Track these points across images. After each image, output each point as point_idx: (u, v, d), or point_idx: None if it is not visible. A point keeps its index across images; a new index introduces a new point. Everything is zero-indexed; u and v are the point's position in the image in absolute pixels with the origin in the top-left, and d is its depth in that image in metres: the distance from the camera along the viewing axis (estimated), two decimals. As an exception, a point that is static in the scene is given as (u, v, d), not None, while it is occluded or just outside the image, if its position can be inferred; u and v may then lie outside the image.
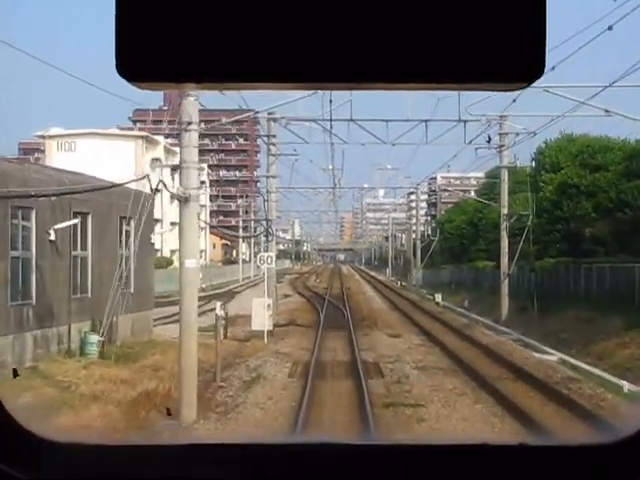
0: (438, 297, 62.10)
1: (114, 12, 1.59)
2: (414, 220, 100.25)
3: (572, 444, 2.49)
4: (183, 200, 21.94)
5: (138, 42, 1.59)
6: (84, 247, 31.79)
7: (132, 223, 35.91)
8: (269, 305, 39.02)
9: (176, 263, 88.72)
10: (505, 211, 48.02)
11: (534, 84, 1.64)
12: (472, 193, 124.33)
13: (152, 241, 37.91)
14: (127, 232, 35.66)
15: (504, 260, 47.67)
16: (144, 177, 24.69)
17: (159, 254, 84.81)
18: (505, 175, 47.81)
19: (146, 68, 1.60)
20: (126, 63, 1.60)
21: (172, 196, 23.45)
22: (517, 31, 1.58)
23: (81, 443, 2.50)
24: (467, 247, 78.43)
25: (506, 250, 47.70)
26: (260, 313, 38.58)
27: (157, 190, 24.56)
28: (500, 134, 47.14)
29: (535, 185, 54.24)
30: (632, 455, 2.34)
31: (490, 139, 47.06)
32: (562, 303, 42.79)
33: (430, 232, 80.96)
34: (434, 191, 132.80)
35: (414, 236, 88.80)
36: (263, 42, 1.58)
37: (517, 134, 46.79)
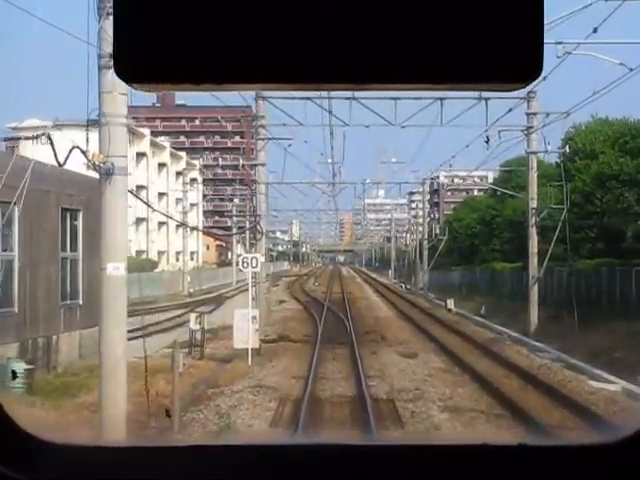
0: (450, 303, 54.41)
1: (112, 15, 1.57)
2: (419, 219, 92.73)
3: (572, 444, 2.42)
4: (103, 173, 14.15)
5: (136, 44, 1.56)
6: (8, 247, 23.99)
7: (81, 217, 28.22)
8: (254, 318, 31.21)
9: (162, 265, 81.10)
10: (534, 204, 40.03)
11: None
12: (475, 192, 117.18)
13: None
14: (74, 228, 27.89)
15: (533, 261, 39.78)
16: (39, 136, 16.74)
17: (144, 256, 77.03)
18: (534, 162, 39.89)
19: (144, 69, 1.57)
20: (124, 64, 1.56)
21: (89, 166, 15.59)
22: (515, 32, 1.55)
23: (79, 445, 2.46)
24: (478, 247, 70.60)
25: (535, 250, 39.79)
26: (243, 328, 30.82)
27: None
28: (528, 114, 39.31)
29: (566, 174, 46.59)
30: (632, 455, 2.28)
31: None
32: (608, 313, 34.94)
33: (438, 231, 73.08)
34: (436, 190, 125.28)
35: (420, 236, 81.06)
36: (262, 42, 1.55)
37: (547, 114, 38.97)
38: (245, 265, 30.71)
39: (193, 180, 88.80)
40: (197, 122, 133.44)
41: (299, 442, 2.77)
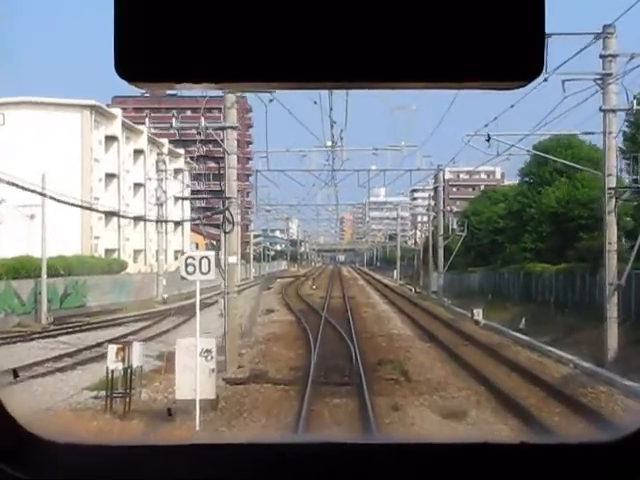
0: (478, 313, 42.18)
1: (113, 14, 1.54)
2: (428, 214, 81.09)
3: (573, 442, 2.31)
4: None
5: (137, 43, 1.53)
6: None
7: None
8: (209, 352, 19.20)
9: (136, 266, 68.76)
10: (612, 182, 27.75)
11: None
12: (482, 188, 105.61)
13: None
14: None
15: (611, 262, 27.54)
16: None
17: (115, 255, 64.78)
18: (612, 124, 27.61)
19: (145, 68, 1.54)
20: (125, 64, 1.53)
21: None
22: (516, 30, 1.52)
23: (82, 444, 2.38)
24: (502, 245, 58.48)
25: (614, 246, 27.57)
26: (189, 367, 18.87)
27: None
28: (603, 57, 27.21)
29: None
30: (634, 452, 2.19)
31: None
32: None
33: (455, 226, 61.10)
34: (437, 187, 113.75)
35: (431, 231, 69.04)
36: (261, 41, 1.52)
37: (632, 56, 26.89)
38: (190, 269, 18.55)
39: (178, 171, 76.50)
40: (189, 113, 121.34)
41: (301, 440, 2.68)
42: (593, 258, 34.23)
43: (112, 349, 19.85)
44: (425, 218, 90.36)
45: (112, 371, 19.81)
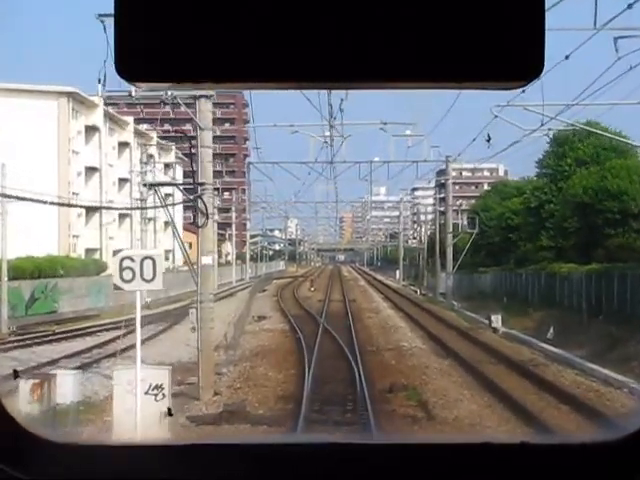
0: (496, 320, 36.61)
1: (113, 14, 1.52)
2: (432, 213, 75.99)
3: (574, 442, 2.25)
4: None
5: (137, 44, 1.52)
6: None
7: None
8: (158, 388, 13.63)
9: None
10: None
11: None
12: (485, 186, 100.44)
13: None
14: None
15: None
16: None
17: (97, 255, 59.18)
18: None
19: (145, 68, 1.53)
20: (126, 64, 1.53)
21: None
22: (516, 30, 1.51)
23: (81, 444, 2.35)
24: (514, 243, 52.97)
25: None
26: (129, 409, 13.31)
27: None
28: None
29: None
30: (634, 452, 2.13)
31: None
32: None
33: (466, 222, 55.67)
34: (443, 184, 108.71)
35: (435, 229, 63.56)
36: (261, 41, 1.51)
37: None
38: (127, 276, 12.91)
39: (168, 166, 70.83)
40: (182, 109, 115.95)
41: (299, 441, 2.59)
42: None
43: (25, 385, 14.20)
44: (429, 216, 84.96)
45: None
